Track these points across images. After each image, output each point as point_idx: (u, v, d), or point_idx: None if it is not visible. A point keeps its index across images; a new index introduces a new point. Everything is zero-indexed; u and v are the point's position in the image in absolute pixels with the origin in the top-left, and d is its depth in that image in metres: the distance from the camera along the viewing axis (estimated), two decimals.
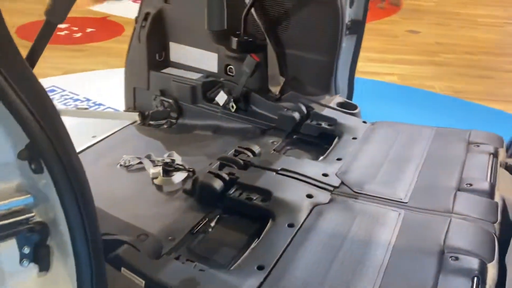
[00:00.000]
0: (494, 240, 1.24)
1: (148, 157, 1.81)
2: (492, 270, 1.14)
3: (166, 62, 2.31)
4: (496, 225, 1.30)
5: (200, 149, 1.99)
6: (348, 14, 2.02)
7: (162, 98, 2.24)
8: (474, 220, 1.31)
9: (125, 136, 2.12)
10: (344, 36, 2.02)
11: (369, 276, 1.14)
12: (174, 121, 2.24)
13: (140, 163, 1.80)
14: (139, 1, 2.35)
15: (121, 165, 1.81)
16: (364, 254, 1.22)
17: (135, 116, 2.23)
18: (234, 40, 2.06)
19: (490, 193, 1.43)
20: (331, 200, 1.44)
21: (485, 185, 1.45)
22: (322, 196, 1.44)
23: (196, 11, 2.12)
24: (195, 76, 2.21)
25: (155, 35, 2.23)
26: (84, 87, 3.56)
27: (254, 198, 1.45)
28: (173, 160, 1.79)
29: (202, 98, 2.17)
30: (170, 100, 2.23)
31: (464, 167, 1.58)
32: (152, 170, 1.72)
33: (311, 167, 1.61)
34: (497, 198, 1.42)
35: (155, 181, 1.70)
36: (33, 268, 0.91)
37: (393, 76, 4.16)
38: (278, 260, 1.19)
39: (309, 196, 1.43)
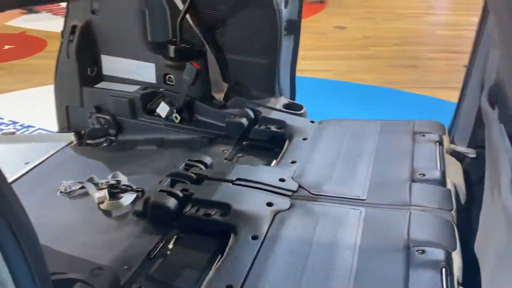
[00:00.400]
0: (454, 228, 1.27)
1: (91, 180, 1.69)
2: (457, 259, 1.17)
3: (99, 77, 2.18)
4: (453, 213, 1.34)
5: (146, 166, 1.89)
6: (284, 14, 2.01)
7: (98, 115, 2.11)
8: (432, 210, 1.34)
9: (62, 160, 1.97)
10: (283, 37, 2.02)
11: (341, 281, 1.13)
12: (113, 138, 2.12)
13: (83, 187, 1.68)
14: (61, 14, 2.20)
15: (61, 192, 1.67)
16: (332, 258, 1.21)
17: (71, 136, 2.09)
18: (171, 48, 1.99)
19: (442, 181, 1.47)
20: (291, 206, 1.41)
21: (437, 174, 1.49)
22: (282, 203, 1.42)
23: (127, 21, 2.03)
24: (132, 88, 2.11)
25: (85, 49, 2.09)
26: (8, 109, 3.30)
27: (212, 213, 1.39)
28: (118, 181, 1.68)
29: (142, 111, 2.07)
30: (107, 117, 2.10)
31: (414, 157, 1.61)
32: (97, 194, 1.61)
33: (267, 173, 1.58)
34: (449, 186, 1.46)
35: (102, 206, 1.59)
36: None
37: (328, 72, 4.26)
38: (246, 276, 1.14)
39: (269, 204, 1.40)
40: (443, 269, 1.13)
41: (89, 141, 2.08)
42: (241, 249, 1.25)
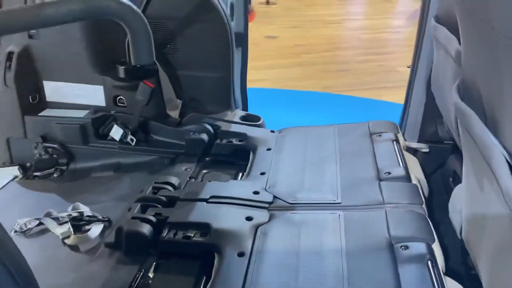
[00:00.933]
0: (428, 221, 1.33)
1: (49, 215, 1.56)
2: (437, 250, 1.22)
3: (43, 104, 2.04)
4: (424, 206, 1.41)
5: (106, 193, 1.79)
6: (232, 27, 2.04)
7: (46, 144, 1.96)
8: (404, 206, 1.39)
9: (10, 196, 1.81)
10: (234, 50, 2.03)
11: (336, 286, 1.14)
12: (64, 168, 1.97)
13: (41, 223, 1.54)
14: None
15: (16, 231, 1.52)
16: (322, 264, 1.22)
17: (15, 170, 1.92)
18: (121, 68, 1.91)
19: (407, 177, 1.54)
20: (270, 217, 1.41)
21: (402, 171, 1.56)
22: (261, 216, 1.41)
23: (70, 43, 1.92)
24: (80, 113, 2.00)
25: (25, 76, 1.95)
26: None
27: (192, 235, 1.34)
28: (81, 213, 1.57)
29: (94, 136, 1.96)
30: (56, 145, 1.96)
31: (376, 157, 1.68)
32: (60, 230, 1.49)
33: (239, 188, 1.57)
34: (414, 181, 1.54)
35: (67, 241, 1.48)
36: None
37: (266, 81, 4.32)
38: None
39: (249, 218, 1.39)
40: (429, 262, 1.17)
41: (36, 173, 1.93)
42: (229, 268, 1.22)
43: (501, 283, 0.92)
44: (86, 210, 1.60)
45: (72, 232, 1.49)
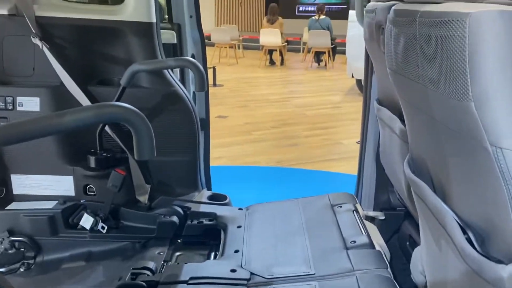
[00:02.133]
0: (395, 283, 1.38)
1: None
2: None
3: (9, 197, 1.99)
4: (389, 270, 1.46)
5: (79, 284, 1.74)
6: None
7: (12, 238, 1.89)
8: (372, 271, 1.44)
9: None
10: (200, 134, 2.13)
11: None
12: (31, 261, 1.90)
13: None
14: None
15: None
16: None
17: None
18: (92, 158, 1.95)
19: (371, 244, 1.60)
20: None
21: (365, 239, 1.62)
22: None
23: (39, 139, 1.95)
24: (49, 204, 1.97)
25: None
26: None
27: None
28: None
29: (64, 226, 1.92)
30: (23, 238, 1.90)
31: (340, 227, 1.73)
32: None
33: (216, 267, 1.57)
34: (377, 247, 1.60)
35: None
36: None
37: (222, 159, 4.39)
38: None
39: None
40: None
41: (1, 270, 1.85)
42: None
43: None
44: None
45: None
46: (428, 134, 1.04)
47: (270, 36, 10.75)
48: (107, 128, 1.97)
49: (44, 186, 2.01)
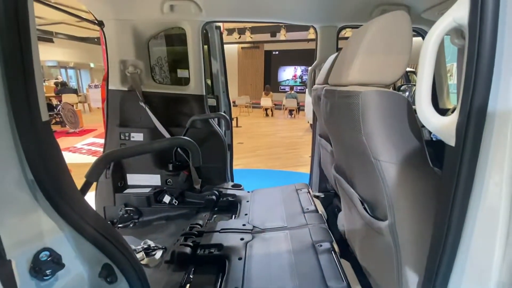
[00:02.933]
0: (329, 231, 1.35)
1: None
2: (335, 245, 1.25)
3: (125, 186, 1.99)
4: (325, 224, 1.44)
5: (162, 232, 1.70)
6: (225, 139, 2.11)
7: (126, 208, 1.89)
8: (317, 225, 1.42)
9: None
10: (227, 152, 2.13)
11: (289, 269, 1.12)
12: (136, 221, 1.88)
13: None
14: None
15: None
16: (281, 258, 1.20)
17: None
18: (170, 165, 1.95)
19: (317, 210, 1.58)
20: (253, 237, 1.39)
21: (313, 207, 1.61)
22: (248, 236, 1.39)
23: (144, 155, 1.96)
24: (147, 190, 1.96)
25: (117, 172, 1.92)
26: None
27: (213, 251, 1.29)
28: (149, 245, 1.49)
29: (154, 201, 1.91)
30: (132, 208, 1.89)
31: (300, 201, 1.71)
32: (137, 256, 1.39)
33: (235, 223, 1.54)
34: (320, 211, 1.57)
35: (142, 262, 1.37)
36: None
37: (240, 165, 4.37)
38: (243, 281, 1.08)
39: (242, 239, 1.36)
40: (332, 251, 1.20)
41: (119, 225, 1.83)
42: (235, 267, 1.18)
43: (365, 254, 0.94)
44: (151, 243, 1.51)
45: (144, 256, 1.41)
46: (343, 152, 1.04)
47: (266, 101, 10.86)
48: (179, 149, 1.98)
49: (144, 180, 2.00)
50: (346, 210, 1.13)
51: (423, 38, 1.74)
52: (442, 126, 0.54)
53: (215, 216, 1.79)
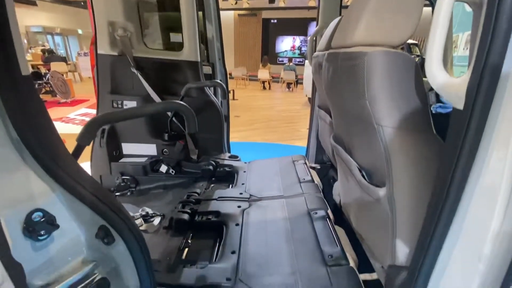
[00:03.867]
0: (324, 200, 1.37)
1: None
2: (330, 213, 1.27)
3: (121, 155, 1.96)
4: (321, 194, 1.46)
5: (160, 200, 1.72)
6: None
7: (123, 177, 1.89)
8: (313, 194, 1.44)
9: None
10: (224, 123, 2.09)
11: (286, 234, 1.16)
12: (134, 189, 1.88)
13: None
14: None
15: None
16: (278, 224, 1.22)
17: None
18: (166, 135, 1.90)
19: (313, 181, 1.59)
20: (249, 205, 1.41)
21: (310, 178, 1.62)
22: (245, 204, 1.41)
23: (137, 123, 1.90)
24: (143, 159, 1.94)
25: (111, 141, 1.88)
26: None
27: (211, 217, 1.32)
28: (147, 212, 1.50)
29: (151, 171, 1.90)
30: (128, 177, 1.88)
31: (297, 172, 1.72)
32: (136, 222, 1.39)
33: (232, 191, 1.55)
34: (316, 182, 1.59)
35: (141, 228, 1.38)
36: None
37: (236, 138, 4.34)
38: (240, 245, 1.12)
39: (239, 206, 1.39)
40: (327, 219, 1.22)
41: (117, 193, 1.83)
42: (232, 232, 1.21)
43: (360, 220, 0.97)
44: (149, 211, 1.52)
45: (143, 223, 1.42)
46: (343, 120, 1.02)
47: (263, 73, 10.53)
48: (174, 119, 1.93)
49: (140, 150, 1.97)
50: (343, 179, 1.14)
51: (433, 7, 1.65)
52: (452, 87, 0.51)
53: (212, 185, 1.79)
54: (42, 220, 0.53)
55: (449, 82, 0.52)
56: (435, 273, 0.59)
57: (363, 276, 0.93)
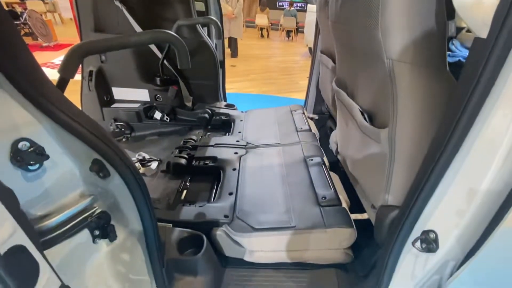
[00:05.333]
0: (320, 148, 1.38)
1: None
2: (325, 160, 1.29)
3: (112, 100, 1.88)
4: (318, 142, 1.46)
5: (156, 147, 1.71)
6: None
7: (117, 123, 1.84)
8: (310, 142, 1.44)
9: None
10: (219, 70, 1.97)
11: (281, 179, 1.17)
12: (129, 136, 1.86)
13: None
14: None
15: None
16: (274, 170, 1.24)
17: None
18: (158, 79, 1.81)
19: (310, 130, 1.58)
20: (246, 152, 1.41)
21: (307, 127, 1.60)
22: (241, 151, 1.41)
23: (127, 65, 1.78)
24: (135, 105, 1.87)
25: (100, 84, 1.78)
26: None
27: (208, 163, 1.32)
28: (144, 157, 1.51)
29: (145, 117, 1.85)
30: (123, 123, 1.84)
31: (295, 121, 1.69)
32: None
33: (229, 139, 1.54)
34: (313, 131, 1.59)
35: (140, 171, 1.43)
36: (104, 242, 0.71)
37: (233, 89, 4.20)
38: (237, 187, 1.14)
39: (236, 153, 1.39)
40: (322, 165, 1.23)
41: None
42: (229, 176, 1.23)
43: (357, 163, 0.96)
44: (146, 156, 1.52)
45: (141, 167, 1.44)
46: (347, 59, 0.95)
47: (262, 19, 9.67)
48: (165, 62, 1.80)
49: (131, 95, 1.89)
50: (342, 124, 1.11)
51: None
52: (480, 10, 0.45)
53: (208, 133, 1.77)
54: (30, 150, 0.50)
55: (476, 6, 0.44)
56: (425, 213, 0.61)
57: (354, 216, 0.97)
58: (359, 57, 0.82)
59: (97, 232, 0.67)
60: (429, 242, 0.60)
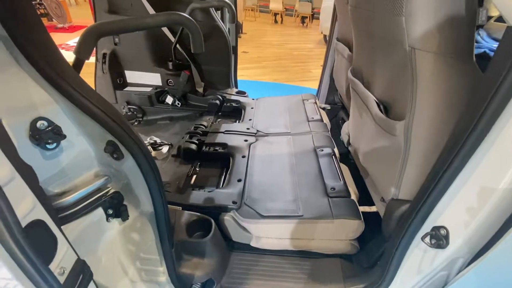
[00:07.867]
0: (331, 139, 1.37)
1: None
2: (336, 151, 1.28)
3: (125, 84, 1.90)
4: (329, 133, 1.45)
5: (167, 131, 1.73)
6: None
7: (129, 106, 1.87)
8: (321, 133, 1.43)
9: None
10: (231, 55, 1.94)
11: (290, 168, 1.18)
12: (141, 119, 1.89)
13: None
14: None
15: None
16: (283, 159, 1.24)
17: None
18: (170, 63, 1.80)
19: (322, 120, 1.56)
20: (256, 140, 1.41)
21: (319, 117, 1.58)
22: (251, 139, 1.41)
23: (140, 49, 1.78)
24: (148, 89, 1.89)
25: (113, 67, 1.79)
26: None
27: (218, 149, 1.34)
28: (155, 141, 1.53)
29: (157, 101, 1.87)
30: (135, 107, 1.87)
31: (306, 110, 1.68)
32: None
33: (239, 126, 1.55)
34: (325, 121, 1.57)
35: None
36: (116, 221, 0.74)
37: (244, 76, 4.15)
38: (246, 174, 1.15)
39: (245, 140, 1.39)
40: (333, 156, 1.23)
41: None
42: (238, 163, 1.24)
43: (369, 155, 0.95)
44: (157, 139, 1.54)
45: (152, 150, 1.46)
46: (366, 47, 0.91)
47: (276, 4, 9.36)
48: (178, 46, 1.78)
49: (144, 79, 1.90)
50: (356, 115, 1.09)
51: None
52: None
53: (219, 120, 1.78)
54: (47, 129, 0.51)
55: None
56: (437, 209, 0.60)
57: (362, 208, 0.97)
58: (379, 46, 0.79)
59: (110, 211, 0.70)
60: (440, 238, 0.59)
